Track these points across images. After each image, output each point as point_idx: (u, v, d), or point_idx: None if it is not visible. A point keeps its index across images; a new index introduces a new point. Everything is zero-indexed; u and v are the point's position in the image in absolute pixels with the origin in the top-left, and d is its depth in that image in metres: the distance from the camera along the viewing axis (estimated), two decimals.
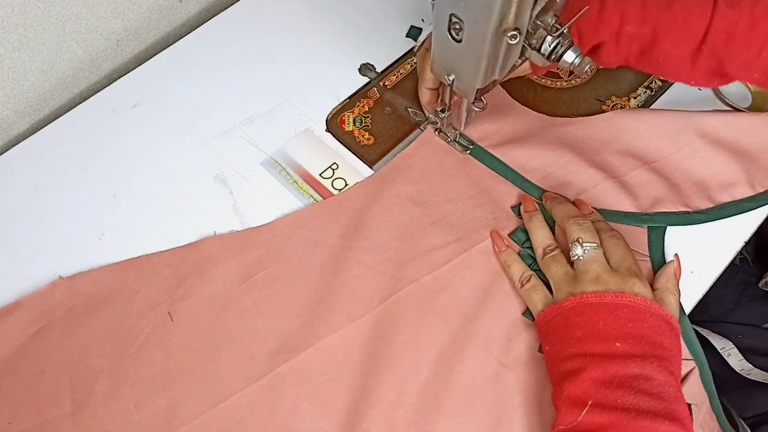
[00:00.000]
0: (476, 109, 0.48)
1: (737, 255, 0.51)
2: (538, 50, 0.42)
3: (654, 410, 0.37)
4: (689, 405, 0.43)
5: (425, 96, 0.54)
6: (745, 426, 0.48)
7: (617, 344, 0.39)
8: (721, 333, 0.63)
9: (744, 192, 0.52)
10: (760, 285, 0.66)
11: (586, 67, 0.42)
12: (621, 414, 0.37)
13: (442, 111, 0.51)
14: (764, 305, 0.65)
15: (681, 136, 0.53)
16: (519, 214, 0.51)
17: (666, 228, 0.50)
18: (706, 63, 0.46)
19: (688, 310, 0.49)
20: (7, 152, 0.57)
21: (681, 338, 0.43)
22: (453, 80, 0.45)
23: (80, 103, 0.59)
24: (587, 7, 0.44)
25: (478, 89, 0.44)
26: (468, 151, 0.54)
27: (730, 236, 0.51)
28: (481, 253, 0.49)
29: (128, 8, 0.61)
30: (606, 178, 0.52)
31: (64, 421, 0.44)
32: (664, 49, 0.46)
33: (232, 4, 0.65)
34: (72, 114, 0.59)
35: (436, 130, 0.54)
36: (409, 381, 0.45)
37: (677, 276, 0.47)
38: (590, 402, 0.38)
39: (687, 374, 0.45)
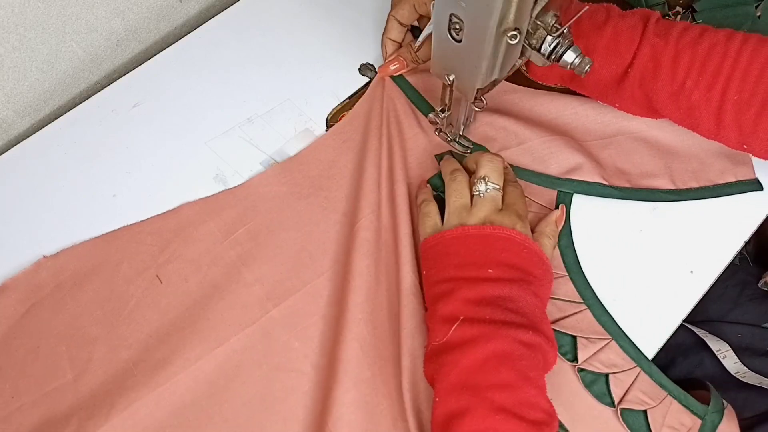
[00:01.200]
0: (476, 109, 0.48)
1: (737, 255, 0.51)
2: (538, 50, 0.42)
3: (518, 322, 0.40)
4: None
5: (388, 46, 0.55)
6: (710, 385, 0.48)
7: (489, 270, 0.42)
8: (721, 333, 0.63)
9: (663, 185, 0.52)
10: (759, 285, 0.66)
11: (586, 67, 0.42)
12: (488, 326, 0.40)
13: (442, 111, 0.51)
14: (764, 305, 0.65)
15: (612, 126, 0.54)
16: (440, 161, 0.53)
17: (573, 195, 0.52)
18: (632, 91, 0.48)
19: (687, 310, 0.49)
20: (7, 152, 0.57)
21: (552, 276, 0.46)
22: (453, 80, 0.45)
23: (80, 103, 0.59)
24: (587, 6, 0.44)
25: (478, 89, 0.45)
26: (468, 151, 0.54)
27: (730, 236, 0.51)
28: (402, 199, 0.51)
29: (128, 8, 0.61)
30: (530, 139, 0.53)
31: (66, 389, 0.46)
32: (594, 68, 0.48)
33: (232, 4, 0.65)
34: (72, 114, 0.59)
35: (436, 130, 0.54)
36: (377, 312, 0.47)
37: (558, 224, 0.49)
38: (461, 318, 0.40)
39: (603, 347, 0.47)
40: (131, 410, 0.44)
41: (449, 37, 0.41)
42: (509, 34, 0.38)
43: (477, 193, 0.46)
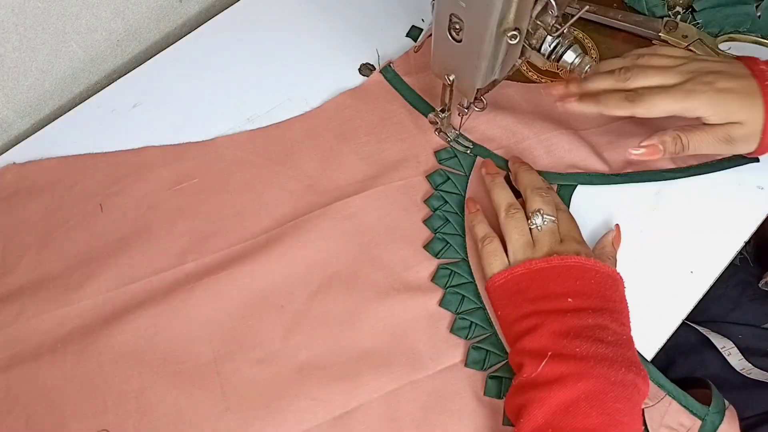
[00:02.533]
0: (476, 109, 0.48)
1: (737, 255, 0.51)
2: (538, 50, 0.42)
3: (611, 357, 0.39)
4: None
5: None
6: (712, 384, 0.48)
7: (569, 300, 0.41)
8: (721, 333, 0.63)
9: (665, 165, 0.53)
10: (760, 285, 0.66)
11: (586, 67, 0.42)
12: (580, 362, 0.38)
13: (442, 111, 0.51)
14: (764, 305, 0.65)
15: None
16: (440, 160, 0.53)
17: (576, 187, 0.52)
18: None
19: (687, 310, 0.49)
20: (7, 152, 0.57)
21: (624, 289, 0.45)
22: (453, 80, 0.45)
23: (80, 103, 0.59)
24: (587, 6, 0.44)
25: (478, 89, 0.45)
26: (468, 151, 0.54)
27: (730, 236, 0.51)
28: (396, 190, 0.52)
29: (128, 8, 0.61)
30: (528, 137, 0.53)
31: None
32: None
33: (232, 4, 0.65)
34: (72, 114, 0.59)
35: (435, 130, 0.54)
36: (299, 290, 0.48)
37: (615, 245, 0.49)
38: (549, 353, 0.39)
39: None
40: (37, 320, 0.48)
41: (449, 37, 0.41)
42: (509, 34, 0.38)
43: (534, 227, 0.46)
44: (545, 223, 0.45)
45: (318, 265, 0.49)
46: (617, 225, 0.50)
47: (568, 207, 0.51)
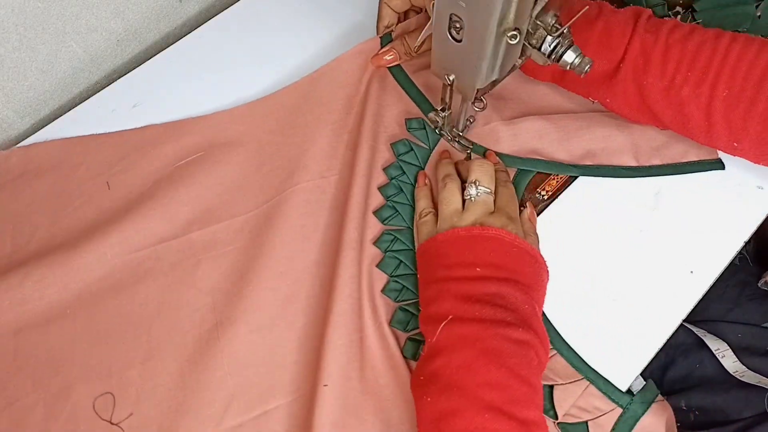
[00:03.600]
0: (476, 109, 0.48)
1: (737, 255, 0.51)
2: (539, 50, 0.42)
3: (508, 320, 0.40)
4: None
5: (384, 17, 0.55)
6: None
7: (477, 269, 0.43)
8: (721, 332, 0.63)
9: (626, 161, 0.53)
10: (759, 284, 0.66)
11: (586, 67, 0.42)
12: (477, 324, 0.40)
13: (442, 110, 0.51)
14: (764, 305, 0.65)
15: (587, 104, 0.55)
16: (409, 129, 0.54)
17: (534, 173, 0.53)
18: (625, 87, 0.48)
19: (687, 310, 0.49)
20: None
21: (547, 274, 0.46)
22: (453, 80, 0.45)
23: (80, 103, 0.59)
24: (587, 6, 0.44)
25: (478, 89, 0.45)
26: (468, 151, 0.54)
27: (730, 236, 0.51)
28: (364, 162, 0.53)
29: (128, 8, 0.61)
30: (494, 119, 0.54)
31: (1, 257, 0.51)
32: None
33: (232, 4, 0.65)
34: (72, 114, 0.59)
35: (436, 129, 0.54)
36: (299, 256, 0.50)
37: (532, 221, 0.50)
38: (450, 317, 0.41)
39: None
40: (43, 284, 0.48)
41: (449, 37, 0.41)
42: (509, 34, 0.38)
43: (468, 197, 0.47)
44: (478, 194, 0.47)
45: (311, 234, 0.51)
46: (529, 202, 0.51)
47: (520, 193, 0.52)
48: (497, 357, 0.39)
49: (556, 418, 0.45)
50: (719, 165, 0.53)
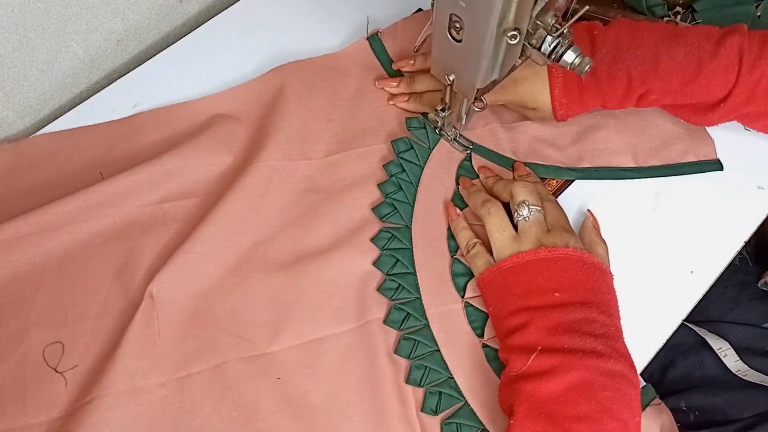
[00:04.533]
0: (476, 109, 0.48)
1: (737, 255, 0.51)
2: (539, 50, 0.42)
3: (599, 350, 0.39)
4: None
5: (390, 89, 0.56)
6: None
7: (556, 294, 0.41)
8: (720, 333, 0.63)
9: (625, 162, 0.53)
10: (759, 285, 0.66)
11: (586, 68, 0.42)
12: (568, 355, 0.39)
13: (443, 110, 0.51)
14: (764, 305, 0.65)
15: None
16: (410, 128, 0.54)
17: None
18: (723, 115, 0.49)
19: (687, 310, 0.49)
20: None
21: (612, 281, 0.45)
22: (453, 80, 0.45)
23: (80, 103, 0.59)
24: (587, 6, 0.44)
25: (478, 89, 0.45)
26: (468, 151, 0.54)
27: (730, 236, 0.51)
28: (358, 156, 0.54)
29: (128, 8, 0.61)
30: (493, 122, 0.55)
31: None
32: (679, 105, 0.50)
33: (232, 4, 0.65)
34: (72, 114, 0.59)
35: (436, 129, 0.54)
36: (249, 234, 0.51)
37: (596, 228, 0.49)
38: (539, 348, 0.40)
39: None
40: (16, 240, 0.50)
41: (449, 37, 0.41)
42: (509, 34, 0.38)
43: (521, 218, 0.45)
44: (531, 213, 0.45)
45: (270, 214, 0.51)
46: (589, 210, 0.51)
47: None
48: (588, 390, 0.38)
49: None
50: (718, 166, 0.53)
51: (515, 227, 0.46)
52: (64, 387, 0.46)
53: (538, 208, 0.46)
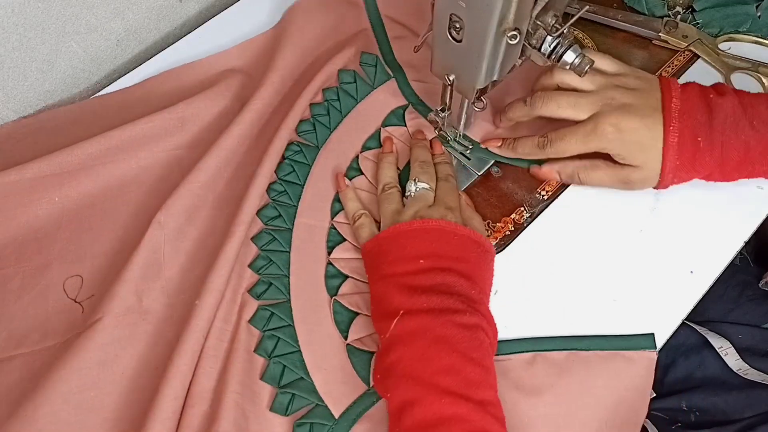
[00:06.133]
0: (476, 109, 0.48)
1: (737, 255, 0.51)
2: (539, 50, 0.42)
3: (455, 306, 0.41)
4: None
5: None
6: None
7: (421, 261, 0.43)
8: (721, 333, 0.63)
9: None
10: (760, 285, 0.66)
11: (586, 68, 0.42)
12: (427, 314, 0.41)
13: (442, 110, 0.51)
14: (764, 305, 0.65)
15: None
16: (299, 132, 0.55)
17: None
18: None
19: (687, 310, 0.49)
20: None
21: (494, 255, 0.47)
22: (453, 80, 0.45)
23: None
24: (587, 6, 0.44)
25: (478, 89, 0.45)
26: (468, 151, 0.54)
27: (730, 236, 0.51)
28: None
29: (128, 8, 0.61)
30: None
31: None
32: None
33: (232, 4, 0.65)
34: None
35: (436, 129, 0.54)
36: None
37: (470, 205, 0.52)
38: (401, 312, 0.41)
39: None
40: (39, 186, 0.52)
41: (449, 37, 0.41)
42: (509, 34, 0.38)
43: (408, 193, 0.49)
44: (417, 190, 0.48)
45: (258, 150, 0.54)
46: (463, 191, 0.53)
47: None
48: (448, 343, 0.40)
49: None
50: None
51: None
52: (81, 314, 0.48)
53: (426, 186, 0.48)
